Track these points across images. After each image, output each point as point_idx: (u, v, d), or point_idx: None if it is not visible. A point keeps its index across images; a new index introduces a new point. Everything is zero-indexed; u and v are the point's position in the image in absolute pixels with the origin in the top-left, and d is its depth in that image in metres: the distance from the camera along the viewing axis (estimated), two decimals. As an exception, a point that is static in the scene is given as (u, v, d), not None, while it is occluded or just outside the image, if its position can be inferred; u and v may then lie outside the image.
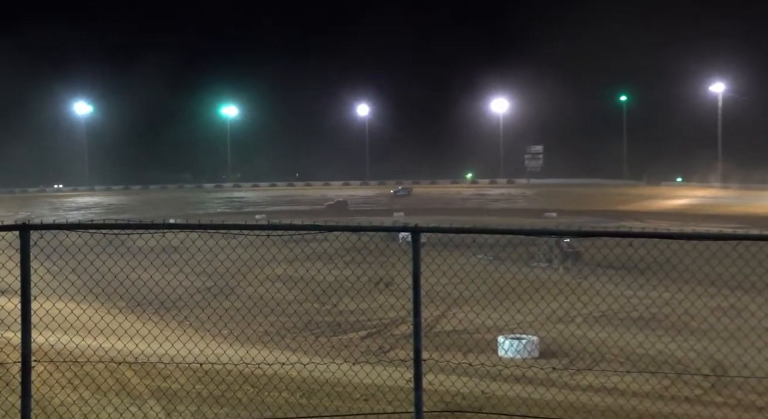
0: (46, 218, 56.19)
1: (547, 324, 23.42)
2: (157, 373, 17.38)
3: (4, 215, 58.15)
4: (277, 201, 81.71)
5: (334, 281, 26.04)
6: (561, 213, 66.13)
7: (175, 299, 25.36)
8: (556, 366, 20.49)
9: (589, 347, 20.70)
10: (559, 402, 16.63)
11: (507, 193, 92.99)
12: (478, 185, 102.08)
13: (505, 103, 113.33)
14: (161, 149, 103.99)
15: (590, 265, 32.87)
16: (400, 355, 21.39)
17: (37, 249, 7.06)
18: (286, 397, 16.42)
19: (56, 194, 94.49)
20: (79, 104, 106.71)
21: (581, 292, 24.69)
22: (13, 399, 12.35)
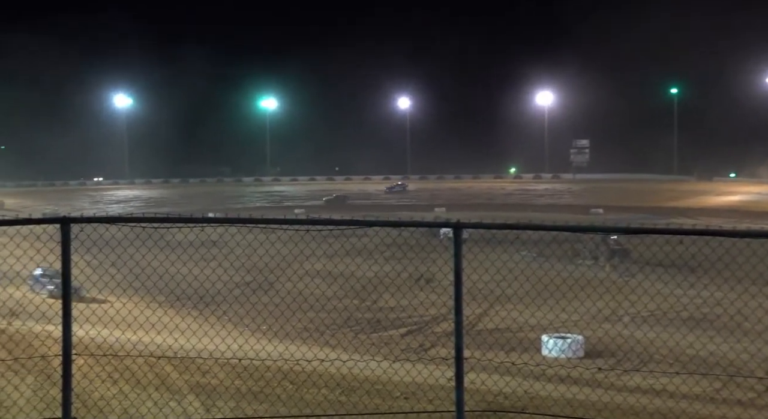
0: (87, 212, 57.11)
1: (592, 323, 23.23)
2: (197, 368, 17.58)
3: (45, 208, 59.26)
4: (317, 195, 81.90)
5: (374, 277, 26.08)
6: (608, 209, 65.38)
7: (214, 293, 25.70)
8: (602, 367, 20.31)
9: (636, 347, 20.47)
10: (606, 404, 16.45)
11: (552, 188, 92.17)
12: (522, 180, 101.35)
13: (551, 96, 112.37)
14: (201, 142, 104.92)
15: (638, 263, 32.50)
16: (441, 353, 21.37)
17: (78, 242, 7.16)
18: (325, 394, 16.50)
19: (96, 187, 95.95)
20: (119, 97, 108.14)
21: (628, 291, 24.43)
22: (54, 392, 12.57)
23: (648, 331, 20.50)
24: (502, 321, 22.72)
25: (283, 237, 11.54)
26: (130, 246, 12.22)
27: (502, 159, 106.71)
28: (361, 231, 30.12)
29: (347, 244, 28.76)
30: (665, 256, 25.21)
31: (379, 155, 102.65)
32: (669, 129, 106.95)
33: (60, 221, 6.60)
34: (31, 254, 9.88)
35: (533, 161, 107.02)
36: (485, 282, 13.71)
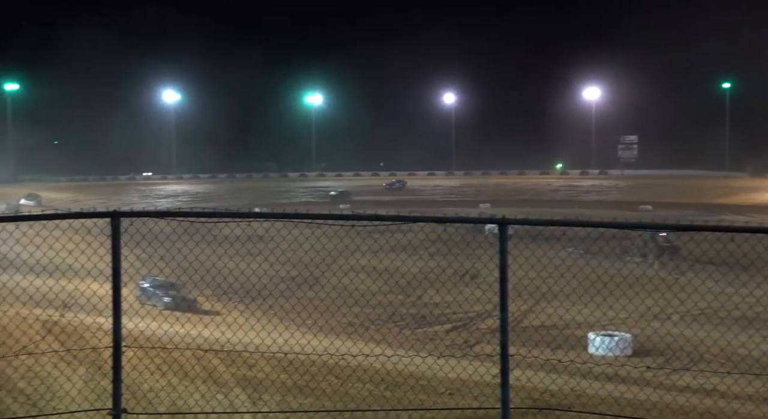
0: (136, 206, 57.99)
1: (640, 322, 22.97)
2: (243, 362, 17.76)
3: (95, 202, 60.33)
4: (361, 191, 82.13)
5: (418, 272, 26.13)
6: (657, 206, 64.47)
7: (260, 288, 25.93)
8: (650, 365, 20.06)
9: (686, 346, 20.17)
10: (654, 403, 16.25)
11: (599, 184, 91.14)
12: (569, 176, 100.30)
13: (598, 91, 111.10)
14: (247, 138, 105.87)
15: (688, 260, 32.00)
16: (486, 350, 21.30)
17: (128, 236, 7.27)
18: (370, 389, 16.56)
19: (145, 182, 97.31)
20: (168, 92, 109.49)
21: (678, 289, 24.02)
22: (105, 383, 12.79)
23: (698, 330, 20.16)
24: (548, 318, 22.55)
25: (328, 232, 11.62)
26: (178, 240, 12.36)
27: (549, 155, 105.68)
28: (406, 227, 30.13)
29: (392, 240, 28.81)
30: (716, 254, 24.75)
31: (424, 150, 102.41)
32: (720, 124, 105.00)
33: (110, 216, 6.71)
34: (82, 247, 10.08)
35: (580, 157, 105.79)
36: (531, 279, 13.63)
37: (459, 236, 34.04)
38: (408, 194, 77.56)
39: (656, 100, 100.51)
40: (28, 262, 17.85)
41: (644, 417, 10.26)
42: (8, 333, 18.27)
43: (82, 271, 24.78)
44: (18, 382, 15.41)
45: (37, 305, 22.02)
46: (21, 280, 14.51)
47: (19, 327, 18.64)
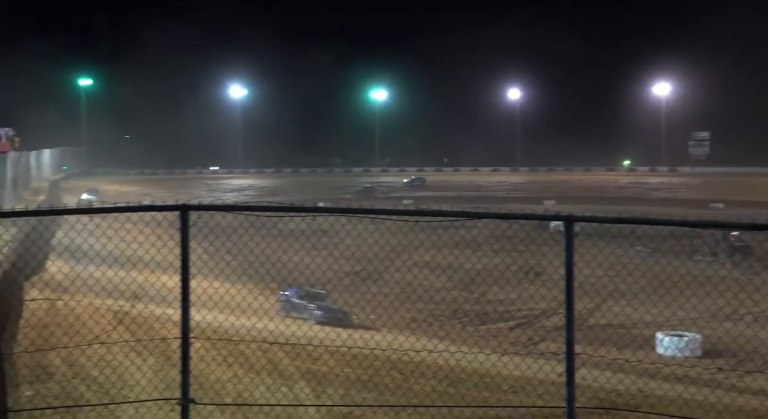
0: (204, 200, 58.98)
1: (711, 322, 22.44)
2: (307, 355, 17.95)
3: (165, 196, 61.55)
4: (425, 187, 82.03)
5: (482, 269, 26.01)
6: (729, 204, 62.86)
7: (324, 282, 26.17)
8: (722, 367, 19.59)
9: (760, 348, 19.65)
10: (726, 406, 15.87)
11: (668, 182, 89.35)
12: (637, 173, 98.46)
13: (668, 86, 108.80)
14: (312, 133, 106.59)
15: (763, 261, 31.19)
16: (551, 348, 21.09)
17: (196, 229, 7.40)
18: (434, 385, 16.58)
19: (213, 176, 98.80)
20: (235, 88, 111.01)
21: (752, 289, 23.41)
22: (173, 374, 13.07)
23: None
24: (614, 317, 22.25)
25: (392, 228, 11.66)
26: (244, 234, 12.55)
27: (616, 151, 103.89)
28: (470, 223, 30.05)
29: (456, 235, 28.74)
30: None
31: (489, 146, 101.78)
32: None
33: (179, 209, 6.84)
34: (152, 240, 10.29)
35: (649, 154, 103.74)
36: (597, 277, 13.45)
37: (523, 233, 33.73)
38: (435, 191, 76.99)
39: (729, 96, 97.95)
40: (101, 253, 18.30)
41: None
42: (82, 322, 18.80)
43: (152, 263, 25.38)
44: (91, 370, 15.84)
45: (109, 296, 22.61)
46: (94, 271, 14.91)
47: (92, 317, 19.15)
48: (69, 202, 53.12)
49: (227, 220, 10.04)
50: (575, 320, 6.68)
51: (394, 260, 26.39)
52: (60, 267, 26.27)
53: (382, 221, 9.19)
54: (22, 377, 16.15)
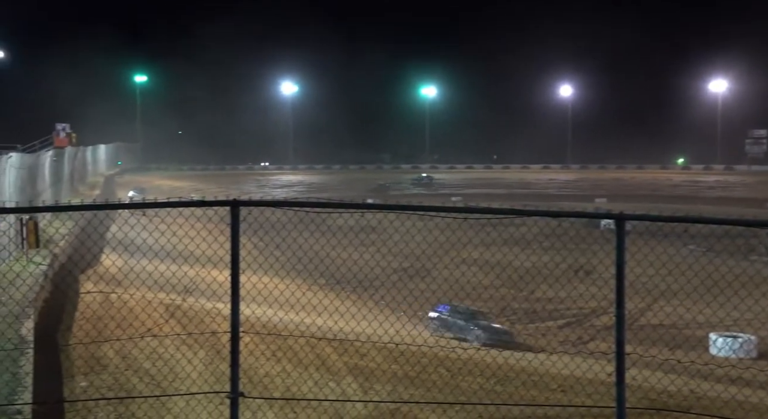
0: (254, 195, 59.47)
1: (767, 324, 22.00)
2: (355, 351, 18.03)
3: (216, 192, 62.28)
4: (474, 184, 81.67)
5: (531, 267, 25.83)
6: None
7: (372, 278, 26.20)
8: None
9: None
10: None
11: (724, 180, 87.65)
12: (691, 171, 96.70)
13: (725, 83, 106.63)
14: (362, 129, 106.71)
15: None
16: (601, 347, 20.87)
17: (246, 225, 7.46)
18: (481, 383, 16.53)
19: (263, 172, 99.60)
20: (286, 84, 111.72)
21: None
22: (223, 367, 13.23)
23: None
24: (666, 317, 21.87)
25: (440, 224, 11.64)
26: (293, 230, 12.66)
27: (670, 149, 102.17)
28: (519, 221, 29.86)
29: (505, 233, 28.53)
30: None
31: (539, 143, 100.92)
32: None
33: (230, 204, 6.89)
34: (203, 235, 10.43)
35: (704, 152, 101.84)
36: (649, 276, 13.26)
37: (573, 231, 33.39)
38: (484, 188, 76.46)
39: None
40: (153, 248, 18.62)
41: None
42: (135, 315, 19.14)
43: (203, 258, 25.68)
44: (144, 363, 16.12)
45: (161, 290, 22.98)
46: (147, 265, 15.17)
47: (145, 310, 19.49)
48: (123, 197, 54.13)
49: (276, 216, 10.12)
50: (626, 319, 6.60)
51: (442, 257, 26.35)
52: (114, 261, 26.77)
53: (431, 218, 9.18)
54: (77, 368, 16.50)
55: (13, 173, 27.13)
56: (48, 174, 37.18)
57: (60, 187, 41.80)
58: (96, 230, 30.37)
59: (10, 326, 16.34)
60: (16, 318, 17.17)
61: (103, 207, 20.89)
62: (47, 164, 37.35)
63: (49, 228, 29.08)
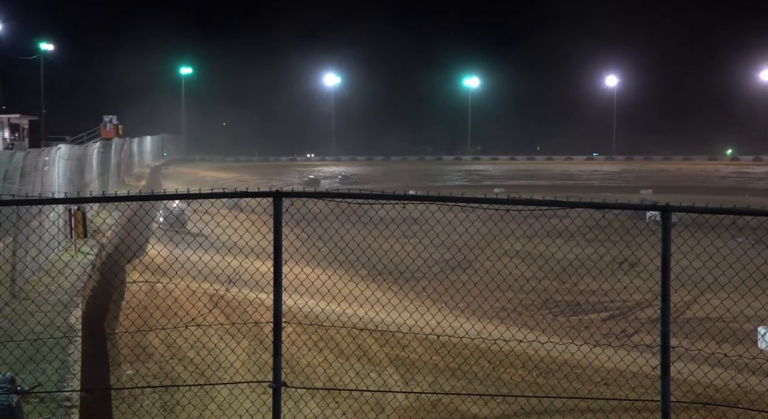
0: (296, 187, 59.83)
1: (816, 317, 21.54)
2: (396, 342, 18.05)
3: (258, 182, 62.70)
4: (517, 175, 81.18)
5: (574, 259, 25.55)
6: (838, 194, 60.13)
7: (413, 270, 26.20)
8: (826, 364, 18.80)
9: None
10: (830, 404, 15.22)
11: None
12: (740, 163, 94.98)
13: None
14: (404, 120, 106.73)
15: None
16: (646, 340, 20.61)
17: (288, 215, 7.50)
18: (523, 375, 16.44)
19: (306, 163, 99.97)
20: (329, 76, 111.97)
21: None
22: (266, 357, 13.32)
23: None
24: (713, 310, 21.53)
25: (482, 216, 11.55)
26: (335, 221, 12.68)
27: (718, 140, 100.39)
28: (562, 212, 29.60)
29: (548, 225, 28.29)
30: None
31: (583, 134, 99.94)
32: None
33: (273, 195, 6.93)
34: (246, 226, 10.48)
35: (753, 142, 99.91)
36: (696, 268, 13.05)
37: (618, 223, 33.01)
38: (528, 180, 75.75)
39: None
40: (197, 238, 18.82)
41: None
42: (179, 304, 19.38)
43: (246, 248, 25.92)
44: (188, 352, 16.31)
45: (204, 280, 23.19)
46: (191, 255, 15.31)
47: (189, 300, 19.73)
48: (168, 188, 54.68)
49: (318, 207, 10.15)
50: (671, 312, 6.52)
51: (484, 248, 26.22)
52: (159, 251, 27.13)
53: (473, 210, 9.12)
54: (123, 356, 16.76)
55: (62, 165, 27.59)
56: (95, 165, 37.75)
57: (107, 178, 42.43)
58: (142, 221, 30.78)
59: (59, 314, 16.64)
60: (65, 306, 17.49)
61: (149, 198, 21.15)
62: (95, 156, 37.93)
63: (96, 218, 29.56)
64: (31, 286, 19.37)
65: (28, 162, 22.37)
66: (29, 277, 19.87)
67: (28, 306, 16.94)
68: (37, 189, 22.88)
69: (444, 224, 20.73)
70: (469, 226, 15.64)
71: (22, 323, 15.71)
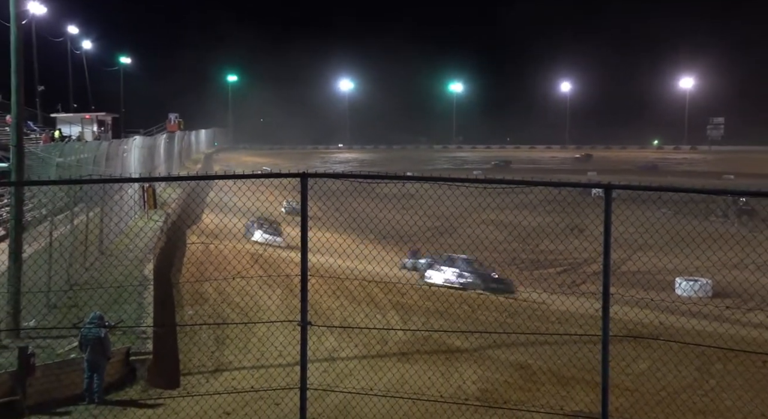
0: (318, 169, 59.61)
1: (722, 270, 21.54)
2: (397, 291, 18.09)
3: (288, 166, 62.45)
4: (491, 160, 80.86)
5: (536, 226, 25.56)
6: (738, 176, 59.84)
7: (410, 234, 26.20)
8: (729, 306, 18.84)
9: (761, 291, 18.78)
10: (731, 336, 15.23)
11: (690, 158, 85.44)
12: (664, 151, 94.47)
13: (692, 80, 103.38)
14: (404, 116, 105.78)
15: (766, 221, 29.67)
16: (590, 289, 20.67)
17: (312, 192, 7.46)
18: (495, 316, 16.49)
19: (326, 150, 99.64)
20: (344, 81, 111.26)
21: (756, 244, 22.31)
22: (295, 302, 13.33)
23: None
24: (642, 265, 21.49)
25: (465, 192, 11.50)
26: (349, 196, 12.66)
27: (647, 133, 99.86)
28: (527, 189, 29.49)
29: (516, 199, 28.19)
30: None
31: (543, 127, 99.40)
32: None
33: (300, 176, 6.89)
34: (280, 200, 10.49)
35: (673, 135, 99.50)
36: (630, 233, 13.00)
37: (570, 198, 32.95)
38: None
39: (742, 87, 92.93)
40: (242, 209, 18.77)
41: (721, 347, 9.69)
42: (228, 261, 19.41)
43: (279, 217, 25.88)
44: (234, 297, 16.37)
45: (247, 242, 23.25)
46: (237, 223, 15.31)
47: (235, 258, 19.75)
48: (218, 170, 54.55)
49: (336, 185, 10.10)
50: (610, 267, 6.50)
51: (466, 218, 26.17)
52: (212, 219, 27.15)
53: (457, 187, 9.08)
54: (185, 300, 16.84)
55: (137, 152, 27.54)
56: (162, 152, 37.66)
57: (171, 162, 42.37)
58: (198, 196, 30.70)
59: (136, 267, 16.70)
60: (140, 261, 17.55)
61: (204, 178, 21.20)
62: (162, 145, 37.82)
63: (163, 193, 29.55)
64: (114, 245, 19.41)
65: (111, 150, 22.33)
66: (113, 238, 19.92)
67: (113, 261, 16.99)
68: (119, 171, 22.85)
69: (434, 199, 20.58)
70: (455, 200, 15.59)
71: (108, 274, 15.77)
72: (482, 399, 10.88)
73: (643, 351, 13.14)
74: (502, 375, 12.20)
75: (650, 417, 10.24)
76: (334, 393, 10.00)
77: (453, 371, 12.11)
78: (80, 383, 10.00)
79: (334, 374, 11.76)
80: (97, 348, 10.02)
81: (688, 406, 10.97)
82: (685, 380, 12.13)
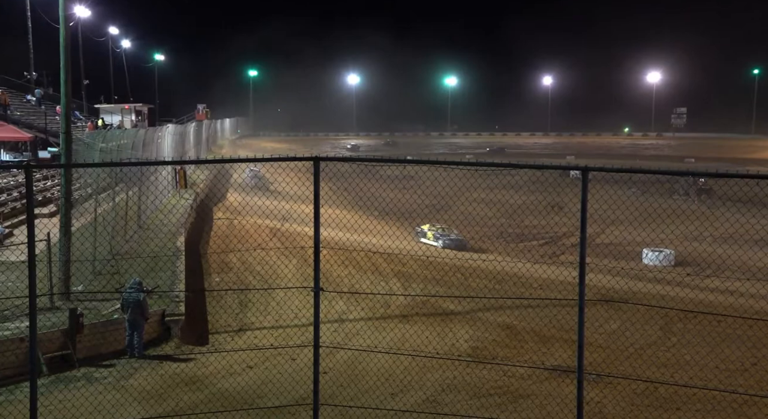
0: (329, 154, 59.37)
1: (684, 242, 21.47)
2: (398, 260, 18.08)
3: (303, 150, 62.31)
4: (481, 146, 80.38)
5: (521, 204, 25.47)
6: (699, 159, 59.58)
7: (410, 211, 26.14)
8: (689, 273, 18.84)
9: (717, 260, 18.75)
10: (691, 299, 15.26)
11: (656, 143, 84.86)
12: (633, 137, 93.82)
13: (658, 75, 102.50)
14: (404, 106, 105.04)
15: (722, 199, 29.55)
16: (569, 259, 20.64)
17: (324, 174, 7.41)
18: (485, 283, 16.49)
19: (334, 137, 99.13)
20: (352, 76, 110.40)
21: (713, 219, 22.24)
22: (309, 271, 13.33)
23: (726, 249, 18.63)
24: (614, 238, 21.45)
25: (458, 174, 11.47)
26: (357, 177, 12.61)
27: (619, 121, 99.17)
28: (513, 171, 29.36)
29: (504, 180, 28.06)
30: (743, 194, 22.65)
31: (527, 116, 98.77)
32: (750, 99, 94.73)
33: (313, 160, 6.82)
34: (295, 180, 10.42)
35: (642, 123, 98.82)
36: (604, 210, 12.93)
37: (552, 179, 32.79)
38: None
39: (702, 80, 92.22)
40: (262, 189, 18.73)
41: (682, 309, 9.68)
42: (249, 234, 19.43)
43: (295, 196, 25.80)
44: (256, 266, 16.39)
45: (267, 218, 23.20)
46: (257, 201, 15.26)
47: (256, 232, 19.76)
48: (241, 154, 54.35)
49: (345, 168, 10.04)
50: (587, 239, 6.46)
51: (459, 197, 26.08)
52: (236, 198, 27.11)
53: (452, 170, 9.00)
54: (213, 269, 16.88)
55: (169, 138, 27.43)
56: (192, 138, 37.51)
57: (200, 147, 42.24)
58: (224, 177, 30.62)
59: (170, 240, 16.71)
60: (173, 235, 17.56)
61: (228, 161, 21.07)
62: (191, 132, 37.65)
63: (193, 175, 29.50)
64: (150, 220, 19.42)
65: (147, 136, 22.23)
66: (149, 214, 19.92)
67: (149, 234, 17.00)
68: (154, 155, 22.77)
69: (431, 180, 20.55)
70: (449, 181, 15.56)
71: (145, 245, 15.79)
72: (473, 355, 10.93)
73: (614, 313, 13.16)
74: (490, 334, 12.24)
75: (620, 370, 10.27)
76: (343, 350, 10.05)
77: (447, 331, 12.16)
78: (122, 340, 10.08)
79: (343, 333, 11.81)
80: (136, 310, 10.09)
81: (653, 360, 11.02)
82: (650, 337, 12.17)
